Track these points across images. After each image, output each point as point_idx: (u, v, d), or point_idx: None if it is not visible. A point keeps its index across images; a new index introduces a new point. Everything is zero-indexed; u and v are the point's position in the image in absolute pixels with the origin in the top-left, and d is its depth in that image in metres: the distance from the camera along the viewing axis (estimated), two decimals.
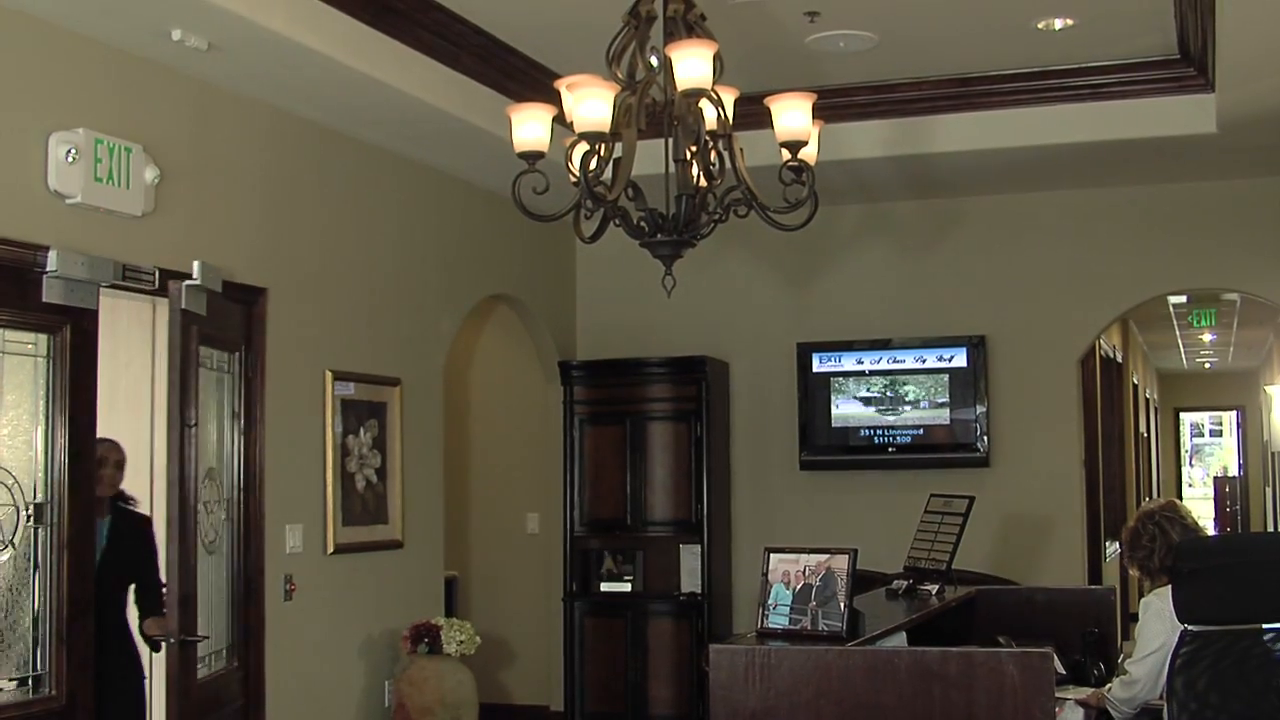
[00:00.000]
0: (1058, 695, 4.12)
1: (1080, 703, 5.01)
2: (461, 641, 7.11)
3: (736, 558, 9.12)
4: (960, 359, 8.64)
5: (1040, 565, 8.43)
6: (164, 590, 5.46)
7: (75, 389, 5.15)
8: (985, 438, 8.59)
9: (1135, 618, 5.11)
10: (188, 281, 5.41)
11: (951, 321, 8.78)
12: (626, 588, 8.89)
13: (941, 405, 8.64)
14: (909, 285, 8.94)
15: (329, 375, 6.88)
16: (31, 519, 5.01)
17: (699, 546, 8.71)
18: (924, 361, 8.68)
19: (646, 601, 8.81)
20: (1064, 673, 5.23)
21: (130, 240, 5.49)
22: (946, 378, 8.63)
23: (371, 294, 7.29)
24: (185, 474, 5.31)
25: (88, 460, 5.21)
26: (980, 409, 8.60)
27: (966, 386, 8.63)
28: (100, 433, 5.34)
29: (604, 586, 8.93)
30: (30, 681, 4.99)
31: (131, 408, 6.48)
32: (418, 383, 7.69)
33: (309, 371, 6.75)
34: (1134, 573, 5.22)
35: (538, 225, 4.64)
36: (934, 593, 5.17)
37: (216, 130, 6.11)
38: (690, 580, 8.76)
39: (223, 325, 5.89)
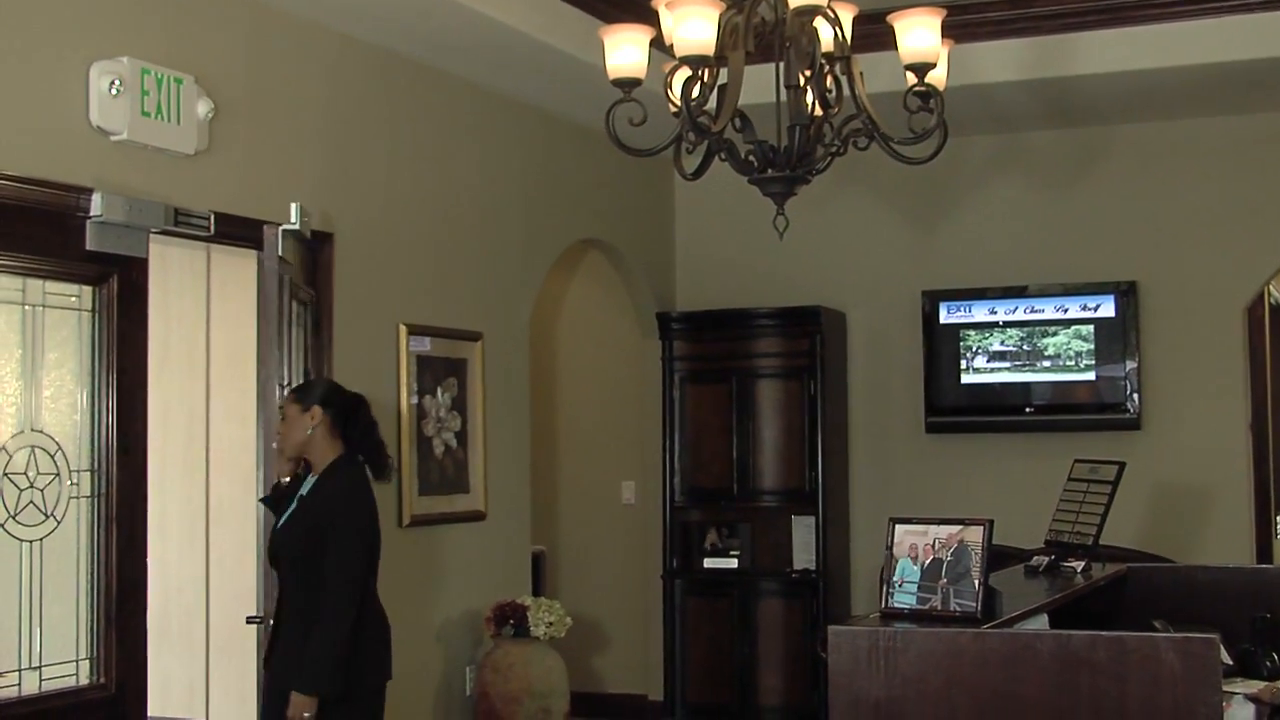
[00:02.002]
0: (1224, 689, 4.00)
1: (1251, 698, 4.87)
2: (551, 623, 7.12)
3: (855, 531, 9.10)
4: (1107, 308, 8.52)
5: (1200, 541, 8.31)
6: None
7: (124, 345, 5.20)
8: (1136, 397, 8.47)
9: None
10: (284, 226, 5.43)
11: (1097, 266, 8.66)
12: (733, 564, 8.88)
13: (1086, 360, 8.53)
14: (1048, 225, 8.83)
15: (403, 329, 6.91)
16: (77, 489, 5.06)
17: (813, 518, 8.70)
18: (1066, 311, 8.58)
19: (755, 579, 8.81)
20: (1230, 663, 5.10)
21: (181, 181, 5.52)
22: (1091, 329, 8.52)
23: (449, 240, 7.30)
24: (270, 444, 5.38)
25: (138, 424, 5.25)
26: (1130, 364, 8.48)
27: (1114, 339, 8.50)
28: (151, 394, 5.37)
29: (707, 563, 8.94)
30: (77, 668, 5.06)
31: (186, 366, 6.52)
32: (501, 337, 7.70)
33: (380, 325, 6.78)
34: None
35: (633, 162, 4.67)
36: (1079, 570, 5.09)
37: (275, 59, 6.12)
38: (803, 555, 8.75)
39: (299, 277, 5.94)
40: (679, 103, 4.34)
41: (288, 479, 5.14)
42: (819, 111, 4.53)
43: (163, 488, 5.44)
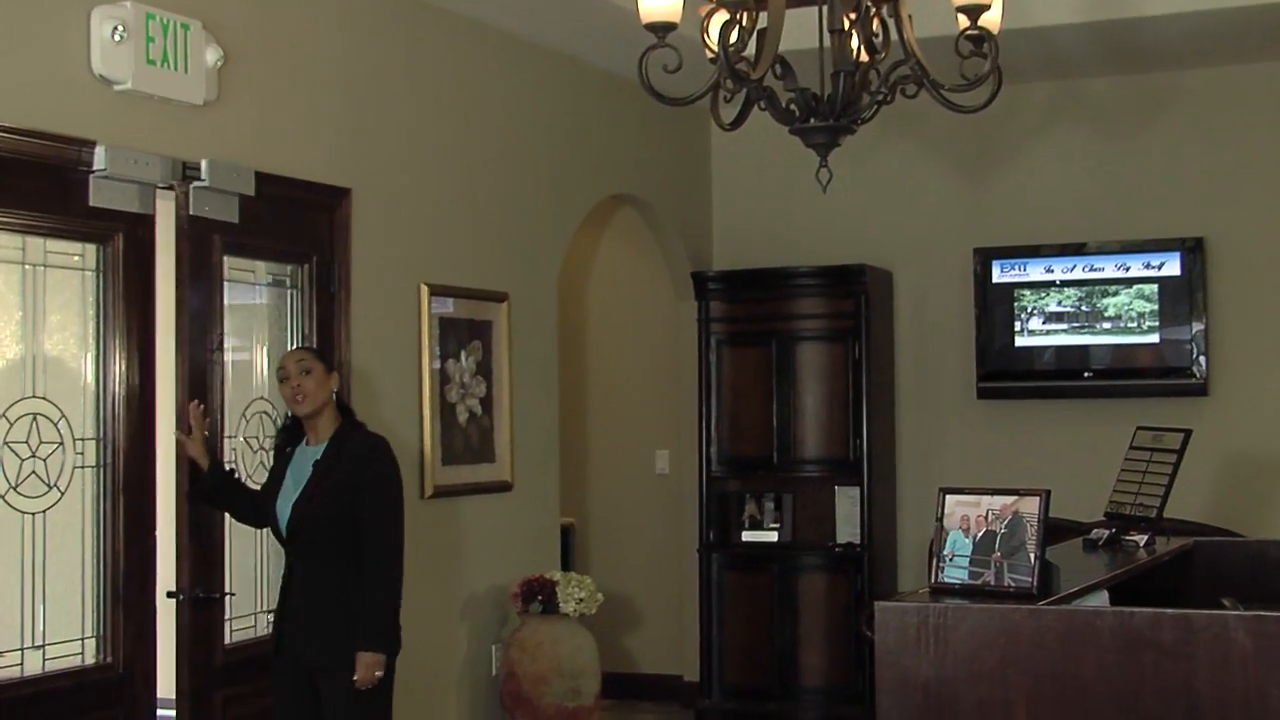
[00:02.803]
0: None
1: None
2: (581, 600, 7.13)
3: (902, 502, 9.09)
4: (1172, 266, 8.46)
5: (1270, 514, 8.27)
6: None
7: (130, 307, 5.21)
8: (1203, 360, 8.42)
9: None
10: (195, 184, 5.41)
11: (1161, 222, 8.60)
12: (773, 537, 8.88)
13: (1149, 322, 8.48)
14: (1109, 178, 8.77)
15: (424, 290, 6.91)
16: (81, 459, 5.07)
17: (858, 489, 8.69)
18: (1127, 269, 8.52)
19: (796, 553, 8.80)
20: None
21: (190, 133, 5.51)
22: (1155, 289, 8.47)
23: (473, 195, 7.29)
24: (211, 406, 5.47)
25: (146, 389, 5.26)
26: (1197, 326, 8.43)
27: (1180, 299, 8.45)
28: (159, 358, 5.39)
29: (746, 536, 8.94)
30: (83, 647, 5.09)
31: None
32: (528, 298, 7.69)
33: (401, 286, 6.78)
34: None
35: (667, 111, 4.66)
36: (1142, 544, 5.10)
37: (289, 3, 6.11)
38: (848, 528, 8.74)
39: (275, 232, 5.93)
40: (716, 48, 4.33)
41: (207, 463, 5.32)
42: (865, 57, 4.52)
43: (171, 456, 5.44)
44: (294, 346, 5.71)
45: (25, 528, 4.90)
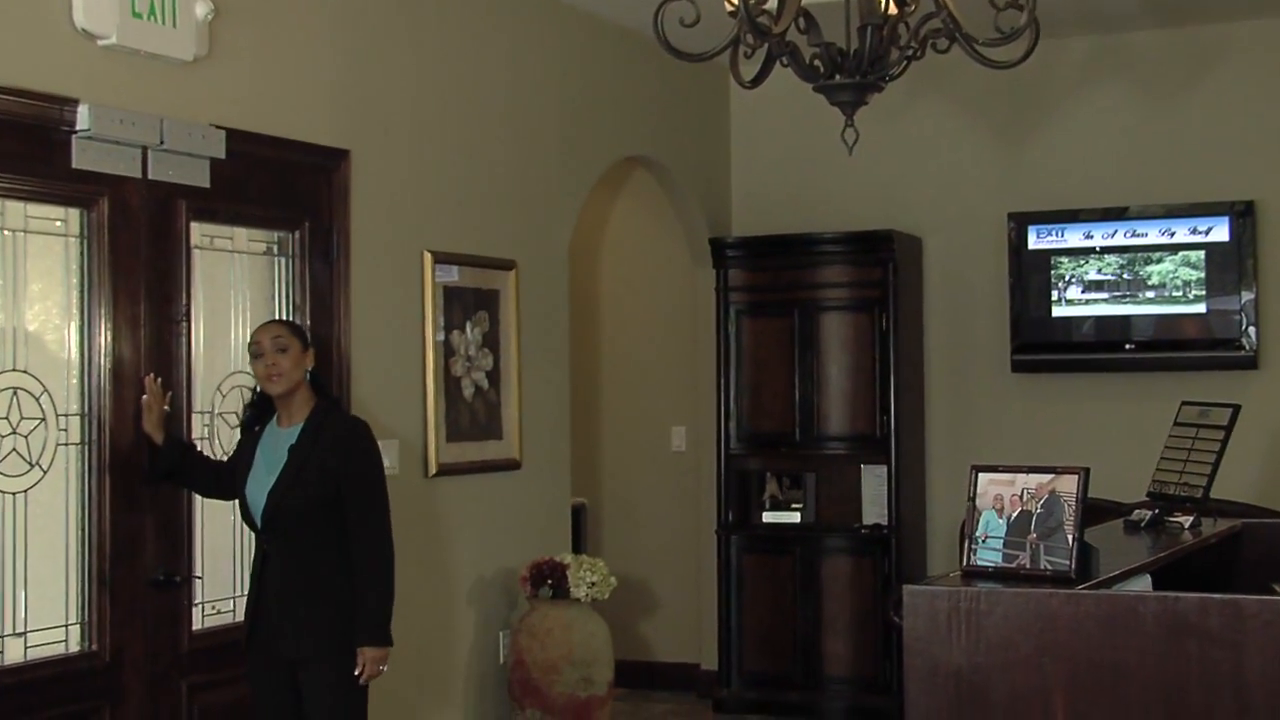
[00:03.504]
0: None
1: None
2: (593, 584, 7.12)
3: (932, 480, 9.10)
4: (1220, 231, 8.44)
5: None
6: None
7: (116, 275, 5.21)
8: (1252, 332, 8.39)
9: None
10: (156, 147, 5.37)
11: (1209, 184, 8.57)
12: (795, 518, 8.89)
13: (1195, 291, 8.46)
14: (1153, 138, 8.74)
15: (428, 257, 6.90)
16: (65, 435, 5.07)
17: (885, 467, 8.70)
18: (1172, 235, 8.50)
19: (820, 535, 8.81)
20: None
21: (179, 91, 5.49)
22: (1202, 255, 8.44)
23: (479, 158, 7.28)
24: (173, 380, 5.43)
25: (133, 362, 5.27)
26: (1246, 295, 8.41)
27: (1228, 267, 8.43)
28: (144, 328, 5.37)
29: (767, 517, 8.95)
30: (67, 633, 5.10)
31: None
32: (537, 266, 7.68)
33: (403, 253, 6.77)
34: None
35: (685, 68, 4.65)
36: (1187, 526, 5.09)
37: None
38: (874, 509, 8.75)
39: (263, 197, 5.91)
40: (736, 1, 4.29)
41: (160, 439, 5.28)
42: (894, 10, 4.51)
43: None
44: (267, 320, 5.60)
45: (6, 508, 4.92)
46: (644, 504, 9.73)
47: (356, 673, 5.02)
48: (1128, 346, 8.60)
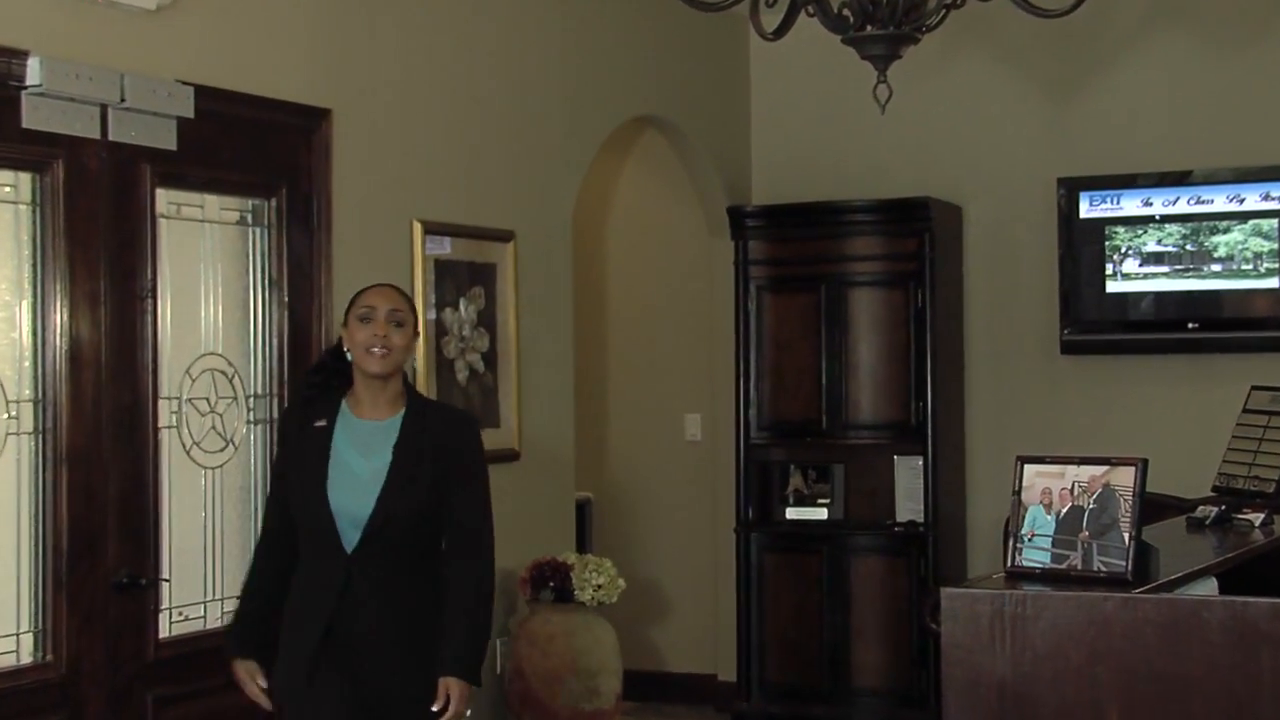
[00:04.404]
0: None
1: None
2: (600, 586, 7.14)
3: (973, 473, 9.11)
4: None
5: None
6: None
7: (74, 247, 5.19)
8: None
9: None
10: (116, 105, 5.36)
11: None
12: (822, 514, 8.91)
13: (1267, 264, 8.45)
14: (1219, 95, 8.73)
15: (417, 228, 6.92)
16: (17, 424, 5.07)
17: (920, 458, 8.71)
18: (1241, 202, 8.49)
19: (849, 533, 8.83)
20: None
21: (142, 43, 5.48)
22: (1275, 225, 8.43)
23: (474, 117, 7.29)
24: (136, 363, 5.42)
25: (94, 344, 5.26)
26: None
27: None
28: (104, 305, 5.36)
29: (790, 513, 8.97)
30: (18, 643, 5.09)
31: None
32: (538, 237, 7.70)
33: (390, 223, 6.78)
34: None
35: (700, 19, 4.64)
36: (1257, 524, 5.06)
37: None
38: (909, 504, 8.77)
39: (236, 162, 5.92)
40: None
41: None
42: None
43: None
44: (381, 282, 5.09)
45: None
46: (655, 499, 9.73)
47: (436, 708, 4.64)
48: (1190, 325, 8.57)
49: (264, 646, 4.79)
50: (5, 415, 5.04)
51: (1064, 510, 3.94)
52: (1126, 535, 3.85)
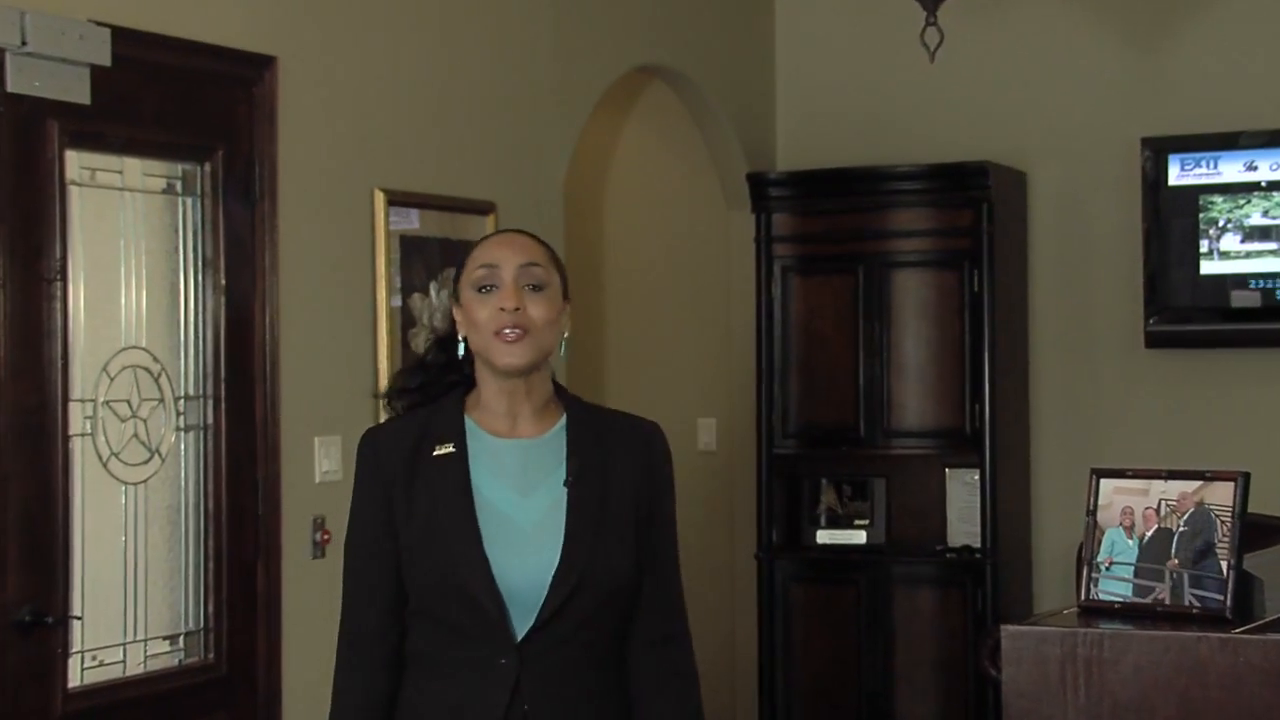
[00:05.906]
0: None
1: None
2: None
3: (1039, 489, 9.14)
4: None
5: None
6: None
7: None
8: None
9: None
10: (16, 50, 5.35)
11: None
12: (860, 537, 8.95)
13: None
14: None
15: (379, 198, 6.92)
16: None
17: (977, 471, 8.72)
18: None
19: (891, 560, 8.87)
20: None
21: None
22: None
23: (447, 68, 7.31)
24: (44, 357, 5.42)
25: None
26: None
27: None
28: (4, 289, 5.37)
29: (822, 536, 9.01)
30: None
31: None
32: (523, 209, 7.67)
33: (347, 192, 6.77)
34: None
35: None
36: None
37: None
38: (963, 526, 8.81)
39: (161, 119, 5.93)
40: None
41: None
42: None
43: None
44: (501, 229, 4.57)
45: None
46: None
47: None
48: None
49: None
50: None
51: (1149, 534, 3.96)
52: (1225, 564, 3.87)
